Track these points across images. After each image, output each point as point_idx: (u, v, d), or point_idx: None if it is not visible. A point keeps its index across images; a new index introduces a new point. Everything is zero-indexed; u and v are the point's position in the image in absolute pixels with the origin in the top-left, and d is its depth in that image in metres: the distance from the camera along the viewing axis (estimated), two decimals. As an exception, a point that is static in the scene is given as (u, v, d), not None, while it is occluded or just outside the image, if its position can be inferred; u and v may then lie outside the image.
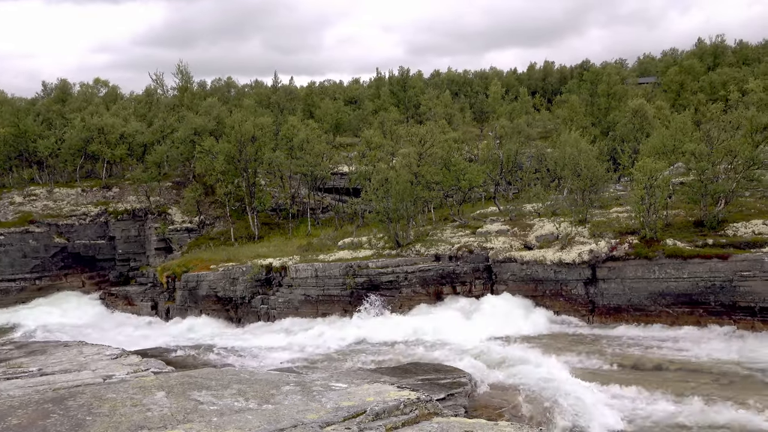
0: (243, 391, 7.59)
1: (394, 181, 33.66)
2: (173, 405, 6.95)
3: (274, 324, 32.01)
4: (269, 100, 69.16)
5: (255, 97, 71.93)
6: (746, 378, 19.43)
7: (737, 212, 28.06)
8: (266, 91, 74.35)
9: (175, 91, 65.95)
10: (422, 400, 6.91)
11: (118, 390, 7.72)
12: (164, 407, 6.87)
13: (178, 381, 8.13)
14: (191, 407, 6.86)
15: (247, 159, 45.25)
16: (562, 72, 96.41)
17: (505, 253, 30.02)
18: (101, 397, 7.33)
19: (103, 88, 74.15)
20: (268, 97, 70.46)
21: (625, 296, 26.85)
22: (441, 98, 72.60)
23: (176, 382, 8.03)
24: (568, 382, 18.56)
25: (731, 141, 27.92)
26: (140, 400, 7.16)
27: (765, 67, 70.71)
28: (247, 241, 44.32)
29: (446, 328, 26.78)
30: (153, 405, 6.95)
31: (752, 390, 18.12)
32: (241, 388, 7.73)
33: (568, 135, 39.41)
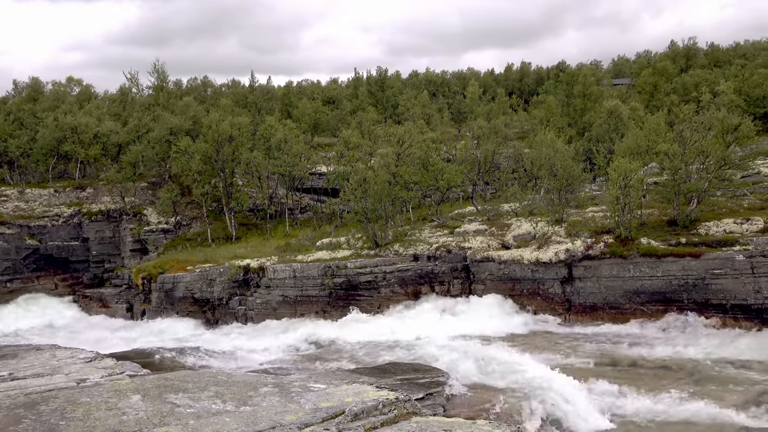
0: (220, 393, 7.52)
1: (373, 181, 33.66)
2: (149, 408, 6.86)
3: (252, 325, 31.79)
4: (246, 99, 68.67)
5: (232, 96, 71.39)
6: (718, 373, 19.82)
7: (709, 211, 28.60)
8: (243, 91, 73.81)
9: (150, 91, 65.12)
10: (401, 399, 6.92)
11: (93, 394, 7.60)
12: (140, 411, 6.78)
13: (154, 384, 8.03)
14: (167, 410, 6.78)
15: (224, 159, 44.86)
16: (539, 73, 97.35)
17: (482, 253, 30.21)
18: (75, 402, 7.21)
19: (76, 86, 72.93)
20: (246, 96, 69.96)
21: (601, 295, 27.19)
22: (419, 98, 72.80)
23: (152, 385, 7.93)
24: (545, 380, 18.73)
25: (703, 141, 28.45)
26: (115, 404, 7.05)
27: (735, 69, 72.20)
28: (224, 242, 43.95)
29: (425, 328, 26.86)
30: (128, 408, 6.85)
31: (723, 385, 18.49)
32: (219, 390, 7.66)
33: (544, 135, 39.80)
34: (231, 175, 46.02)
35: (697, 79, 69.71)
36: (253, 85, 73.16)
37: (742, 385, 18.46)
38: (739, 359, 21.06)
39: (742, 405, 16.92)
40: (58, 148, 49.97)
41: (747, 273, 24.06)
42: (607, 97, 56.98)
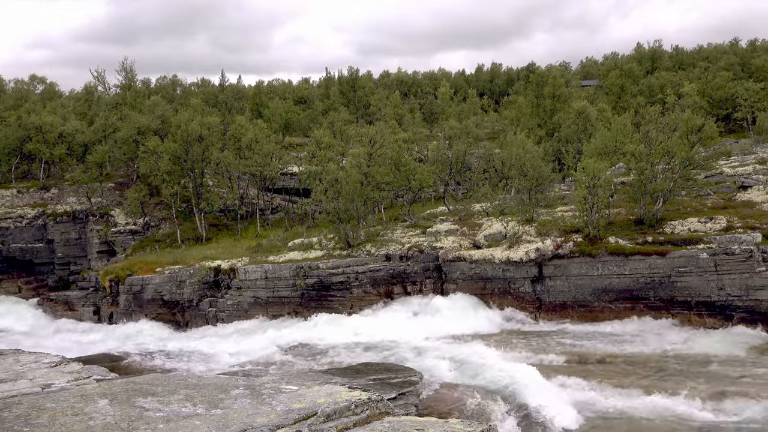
0: (191, 396, 7.41)
1: (344, 181, 33.60)
2: (117, 413, 6.73)
3: (223, 327, 31.45)
4: (217, 99, 67.95)
5: (202, 95, 70.54)
6: (684, 369, 20.27)
7: (674, 211, 29.24)
8: (213, 90, 73.01)
9: (117, 89, 63.94)
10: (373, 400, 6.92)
11: (58, 399, 7.42)
12: (107, 415, 6.65)
13: (122, 388, 7.87)
14: (136, 414, 6.66)
15: (193, 159, 44.28)
16: (509, 74, 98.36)
17: (454, 253, 30.39)
18: (39, 407, 7.03)
19: (39, 84, 71.27)
20: (216, 96, 69.21)
21: (571, 293, 27.59)
22: (391, 99, 72.95)
23: (120, 389, 7.78)
24: (517, 378, 18.92)
25: (668, 142, 29.06)
26: (82, 409, 6.90)
27: (699, 71, 73.96)
28: (194, 243, 43.39)
29: (397, 328, 26.90)
30: (95, 413, 6.71)
31: (688, 380, 18.92)
32: (189, 393, 7.55)
33: (514, 136, 40.25)
34: (201, 176, 45.45)
35: (663, 80, 71.31)
36: (224, 84, 72.43)
37: (706, 380, 18.91)
38: (703, 355, 21.58)
39: (706, 399, 17.34)
40: (22, 147, 48.73)
41: (711, 271, 24.67)
42: (575, 99, 57.88)
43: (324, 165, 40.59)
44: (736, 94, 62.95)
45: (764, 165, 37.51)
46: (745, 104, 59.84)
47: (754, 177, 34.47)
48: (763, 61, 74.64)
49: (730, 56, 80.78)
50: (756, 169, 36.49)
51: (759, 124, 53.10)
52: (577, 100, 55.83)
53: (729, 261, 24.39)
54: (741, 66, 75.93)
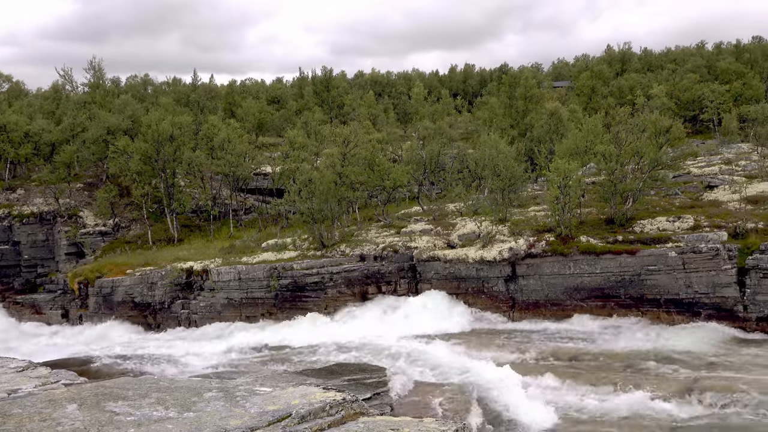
0: (162, 399, 7.30)
1: (318, 181, 33.47)
2: (86, 418, 6.59)
3: (196, 329, 31.07)
4: (188, 98, 67.13)
5: (173, 95, 69.61)
6: (653, 365, 20.65)
7: (644, 210, 29.77)
8: (185, 90, 72.11)
9: (86, 88, 62.71)
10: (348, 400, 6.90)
11: (25, 405, 7.24)
12: (76, 420, 6.51)
13: (91, 392, 7.72)
14: (106, 419, 6.54)
15: (165, 159, 43.66)
16: (482, 75, 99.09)
17: (429, 252, 30.48)
18: (6, 413, 6.86)
19: (5, 83, 69.46)
20: (187, 95, 68.37)
21: (543, 292, 27.89)
22: (365, 99, 72.92)
23: (89, 394, 7.62)
24: (491, 377, 19.07)
25: (637, 143, 29.58)
26: (50, 414, 6.75)
27: (667, 73, 75.48)
28: (166, 245, 42.78)
29: (372, 328, 26.90)
30: (64, 419, 6.57)
31: (657, 376, 19.29)
32: (161, 396, 7.44)
33: (488, 136, 40.52)
34: (172, 176, 44.85)
35: (632, 82, 72.56)
36: (196, 83, 71.60)
37: (675, 376, 19.31)
38: (672, 351, 22.01)
39: (674, 394, 17.69)
40: (-14, 147, 47.49)
41: (679, 269, 25.18)
42: (547, 100, 58.56)
43: (298, 165, 40.38)
44: (702, 96, 64.38)
45: (729, 165, 38.47)
46: (711, 106, 61.23)
47: (720, 177, 35.31)
48: (728, 63, 76.46)
49: (696, 59, 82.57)
50: (722, 170, 37.40)
51: (724, 125, 54.40)
52: (549, 101, 56.52)
53: (696, 259, 24.93)
54: (707, 68, 77.67)
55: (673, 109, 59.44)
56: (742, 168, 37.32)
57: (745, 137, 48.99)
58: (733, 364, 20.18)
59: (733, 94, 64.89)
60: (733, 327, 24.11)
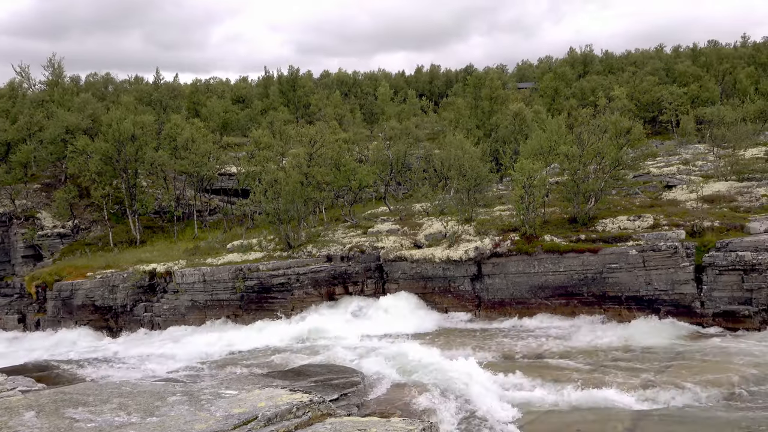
0: (124, 404, 7.14)
1: (285, 181, 33.23)
2: (45, 425, 6.41)
3: (160, 332, 30.52)
4: (151, 97, 65.89)
5: (135, 93, 68.25)
6: (615, 361, 21.10)
7: (605, 209, 30.40)
8: (148, 88, 70.79)
9: (43, 86, 60.98)
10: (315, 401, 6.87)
11: (-21, 413, 6.99)
12: (34, 428, 6.32)
13: (50, 399, 7.50)
14: (65, 426, 6.37)
15: (126, 159, 42.79)
16: (448, 76, 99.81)
17: (395, 252, 30.56)
18: (-42, 422, 6.61)
19: (-43, 80, 67.00)
20: (150, 94, 67.11)
21: (509, 290, 28.23)
22: (331, 99, 72.75)
23: (48, 400, 7.41)
24: (457, 375, 19.20)
25: (599, 143, 30.19)
26: (6, 423, 6.53)
27: (627, 76, 77.20)
28: (128, 246, 41.92)
29: (339, 329, 26.82)
30: (21, 427, 6.37)
31: (619, 371, 19.71)
32: (123, 401, 7.28)
33: (453, 137, 40.84)
34: (134, 176, 43.98)
35: (594, 84, 74.05)
36: (158, 82, 70.33)
37: (637, 371, 19.75)
38: (634, 347, 22.53)
39: (636, 389, 18.10)
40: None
41: (639, 266, 25.78)
42: (512, 101, 59.32)
43: (263, 165, 40.03)
44: (661, 98, 66.08)
45: (687, 165, 39.58)
46: (670, 108, 62.89)
47: (678, 177, 36.31)
48: (685, 66, 78.64)
49: (655, 62, 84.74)
50: (680, 170, 38.47)
51: (682, 126, 55.93)
52: (513, 102, 57.27)
53: (656, 257, 25.56)
54: (666, 71, 79.77)
55: (633, 110, 60.87)
56: (699, 168, 38.44)
57: (702, 138, 50.44)
58: (692, 358, 20.75)
59: (690, 97, 66.80)
60: (691, 322, 24.80)
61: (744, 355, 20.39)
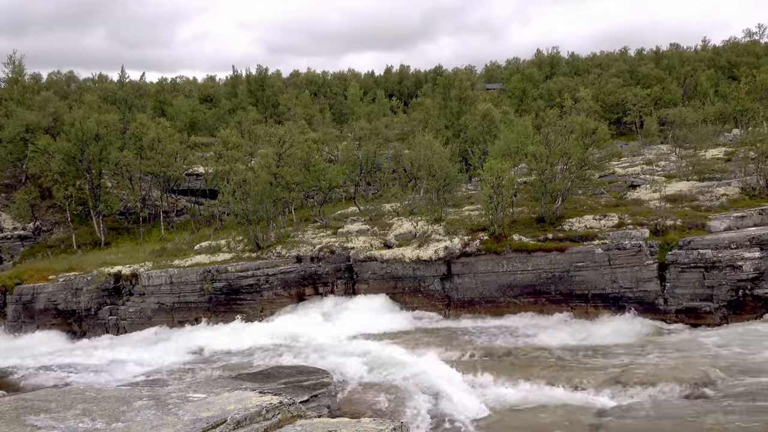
0: (89, 410, 6.98)
1: (253, 182, 32.93)
2: (4, 433, 6.22)
3: (125, 336, 29.94)
4: (116, 96, 64.65)
5: (99, 92, 66.82)
6: (582, 359, 21.46)
7: (572, 209, 30.89)
8: (112, 87, 69.45)
9: (2, 84, 59.29)
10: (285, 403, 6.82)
11: (-65, 422, 6.76)
12: (-7, 437, 6.13)
13: (10, 406, 7.29)
14: (26, 434, 6.19)
15: (90, 159, 41.89)
16: (417, 76, 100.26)
17: (365, 253, 30.54)
18: None
19: None
20: (115, 92, 65.84)
21: (478, 290, 28.47)
22: (300, 98, 72.40)
23: (8, 408, 7.19)
24: (427, 374, 19.29)
25: (566, 144, 30.64)
26: (-37, 432, 6.33)
27: (593, 77, 78.64)
28: (92, 248, 41.04)
29: (309, 330, 26.68)
30: (-21, 435, 6.17)
31: (586, 369, 20.05)
32: (87, 407, 7.11)
33: (423, 137, 41.00)
34: (98, 176, 43.09)
35: (560, 85, 75.25)
36: (124, 80, 69.05)
37: (602, 368, 20.11)
38: (599, 344, 22.93)
39: (601, 386, 18.44)
40: None
41: (605, 265, 26.25)
42: (481, 101, 59.88)
43: (232, 165, 39.61)
44: (625, 99, 67.49)
45: (650, 165, 40.48)
46: (634, 109, 64.26)
47: (642, 177, 37.10)
48: (648, 69, 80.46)
49: (620, 64, 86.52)
50: (643, 170, 39.32)
51: (646, 127, 57.20)
52: (482, 103, 57.80)
53: (621, 255, 26.06)
54: (630, 73, 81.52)
55: (598, 111, 62.07)
56: (662, 168, 39.34)
57: (665, 139, 51.65)
58: (656, 354, 21.22)
59: (653, 98, 68.39)
60: (655, 319, 25.35)
61: (706, 351, 20.95)
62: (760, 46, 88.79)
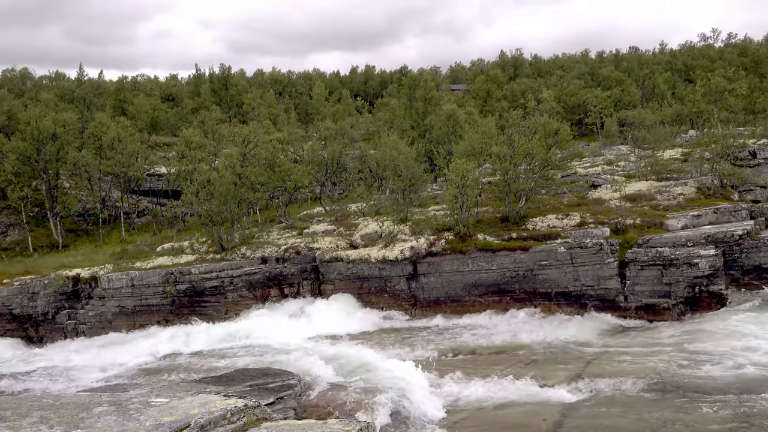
0: (46, 418, 6.78)
1: (217, 182, 32.49)
2: (-45, 443, 6.00)
3: (85, 340, 29.17)
4: (74, 94, 63.05)
5: (56, 90, 65.12)
6: (545, 355, 21.81)
7: (535, 208, 31.37)
8: (70, 85, 67.72)
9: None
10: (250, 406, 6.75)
11: None
12: (-57, 447, 5.91)
13: (-39, 415, 7.02)
14: (-21, 443, 5.98)
15: (46, 159, 40.73)
16: (383, 76, 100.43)
17: (331, 253, 30.45)
18: None
19: None
20: (73, 91, 64.20)
21: (443, 289, 28.66)
22: (265, 98, 71.78)
23: (-41, 417, 6.93)
24: (394, 374, 19.32)
25: (529, 144, 31.10)
26: None
27: (555, 79, 79.98)
28: (49, 251, 39.90)
29: (275, 331, 26.45)
30: (-72, 446, 5.94)
31: (550, 365, 20.39)
32: (44, 414, 6.91)
33: (388, 137, 41.08)
34: (56, 177, 41.92)
35: (524, 86, 76.35)
36: (82, 78, 67.35)
37: (565, 364, 20.48)
38: (562, 341, 23.34)
39: (563, 382, 18.76)
40: None
41: (567, 263, 26.74)
42: (446, 102, 60.29)
43: (195, 165, 39.01)
44: (587, 100, 68.85)
45: (611, 166, 41.37)
46: (595, 110, 65.61)
47: (603, 177, 37.91)
48: (609, 71, 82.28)
49: (581, 66, 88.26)
50: (604, 170, 40.17)
51: (606, 128, 58.46)
52: (447, 104, 58.20)
53: (583, 254, 26.57)
54: (591, 75, 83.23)
55: (561, 112, 63.16)
56: (621, 168, 40.26)
57: (625, 140, 52.85)
58: (617, 350, 21.70)
59: (613, 100, 69.97)
60: (616, 316, 25.93)
61: (664, 346, 21.52)
62: (715, 50, 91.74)
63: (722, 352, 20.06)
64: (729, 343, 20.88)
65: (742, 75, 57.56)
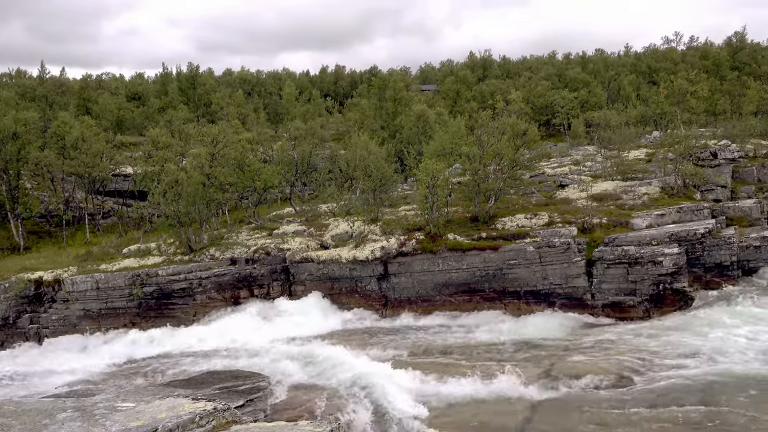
0: (7, 425, 6.59)
1: (185, 182, 32.00)
2: None
3: (48, 344, 28.43)
4: (35, 92, 61.46)
5: (16, 88, 63.41)
6: (515, 354, 22.05)
7: (505, 208, 31.68)
8: (31, 83, 66.01)
9: None
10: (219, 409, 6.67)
11: None
12: None
13: None
14: (-64, 453, 5.78)
15: (7, 159, 39.61)
16: (353, 76, 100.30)
17: (302, 254, 30.28)
18: None
19: None
20: (34, 89, 62.60)
21: (414, 289, 28.74)
22: (234, 97, 71.09)
23: None
24: (365, 374, 19.31)
25: (498, 145, 31.39)
26: None
27: (524, 80, 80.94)
28: (10, 254, 38.82)
29: (245, 333, 26.19)
30: None
31: (519, 363, 20.61)
32: (5, 422, 6.71)
33: (358, 137, 41.02)
34: (16, 177, 40.79)
35: (493, 87, 77.08)
36: (44, 76, 65.73)
37: (535, 361, 20.74)
38: (532, 339, 23.63)
39: (533, 379, 19.00)
40: None
41: (536, 262, 27.07)
42: (416, 102, 60.51)
43: (162, 165, 38.35)
44: (554, 101, 69.81)
45: (578, 166, 42.02)
46: (562, 111, 66.58)
47: (570, 177, 38.47)
48: (576, 73, 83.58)
49: (549, 67, 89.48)
50: (571, 170, 40.77)
51: (573, 129, 59.38)
52: (417, 104, 58.41)
53: (551, 253, 26.93)
54: (558, 77, 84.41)
55: (529, 113, 63.94)
56: (588, 168, 40.91)
57: (591, 140, 53.73)
58: (585, 347, 22.06)
59: (580, 101, 71.12)
60: (583, 314, 26.35)
61: (630, 343, 21.95)
62: (677, 53, 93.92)
63: (687, 351, 20.54)
64: (693, 342, 21.40)
65: (703, 78, 59.06)
